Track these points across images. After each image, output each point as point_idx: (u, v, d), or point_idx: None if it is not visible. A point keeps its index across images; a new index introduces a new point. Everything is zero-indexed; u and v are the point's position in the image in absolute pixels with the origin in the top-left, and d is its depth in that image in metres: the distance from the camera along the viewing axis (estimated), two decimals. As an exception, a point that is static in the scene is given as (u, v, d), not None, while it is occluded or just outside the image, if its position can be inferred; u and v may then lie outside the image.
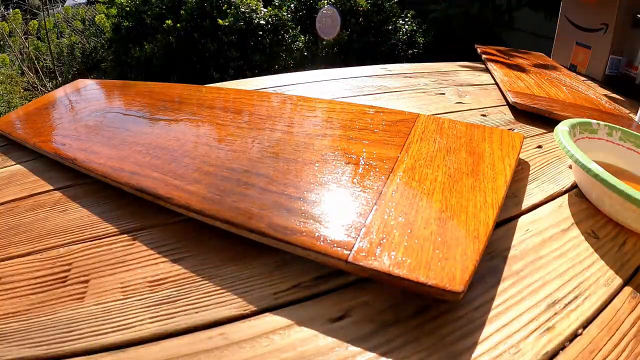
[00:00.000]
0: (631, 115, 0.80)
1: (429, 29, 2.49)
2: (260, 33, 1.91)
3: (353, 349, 0.31)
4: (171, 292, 0.36)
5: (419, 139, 0.53)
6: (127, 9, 1.96)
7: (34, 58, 2.23)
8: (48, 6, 2.93)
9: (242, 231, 0.39)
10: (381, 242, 0.36)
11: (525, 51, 1.30)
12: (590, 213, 0.48)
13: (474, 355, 0.30)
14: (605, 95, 0.93)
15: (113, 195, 0.51)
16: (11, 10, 2.76)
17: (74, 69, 2.43)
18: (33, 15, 2.90)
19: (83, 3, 3.32)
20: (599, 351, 0.31)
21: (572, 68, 1.17)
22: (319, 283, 0.37)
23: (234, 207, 0.41)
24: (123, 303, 0.35)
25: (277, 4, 2.13)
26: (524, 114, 0.78)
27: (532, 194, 0.51)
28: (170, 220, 0.46)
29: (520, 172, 0.55)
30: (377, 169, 0.47)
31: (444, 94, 0.91)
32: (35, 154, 0.63)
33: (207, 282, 0.37)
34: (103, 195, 0.51)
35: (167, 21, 1.86)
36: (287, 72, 1.37)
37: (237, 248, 0.41)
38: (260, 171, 0.47)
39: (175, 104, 0.70)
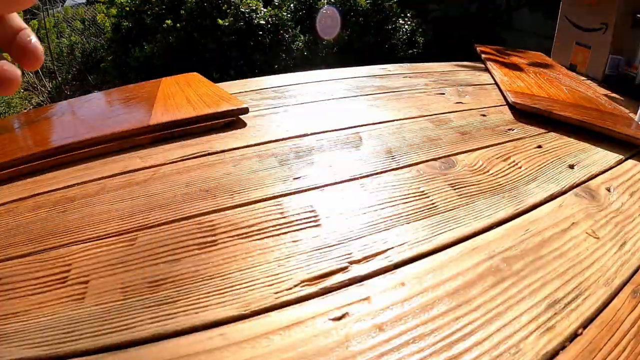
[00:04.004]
0: (631, 114, 0.80)
1: (428, 28, 2.49)
2: (260, 33, 1.91)
3: (353, 348, 0.31)
4: (171, 292, 0.36)
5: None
6: (127, 8, 1.96)
7: (33, 58, 2.23)
8: (48, 6, 2.93)
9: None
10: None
11: (524, 51, 1.30)
12: (590, 213, 0.48)
13: (474, 355, 0.30)
14: (605, 95, 0.93)
15: (112, 196, 0.51)
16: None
17: (74, 69, 2.43)
18: (33, 15, 2.90)
19: (83, 3, 3.32)
20: (599, 351, 0.31)
21: (572, 68, 1.17)
22: (320, 282, 0.37)
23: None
24: (123, 303, 0.35)
25: (276, 3, 2.13)
26: (523, 113, 0.78)
27: (532, 194, 0.51)
28: (169, 220, 0.46)
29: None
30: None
31: (443, 94, 0.91)
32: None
33: (207, 282, 0.37)
34: (103, 195, 0.51)
35: (167, 21, 1.86)
36: (287, 72, 1.37)
37: (238, 247, 0.41)
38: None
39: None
